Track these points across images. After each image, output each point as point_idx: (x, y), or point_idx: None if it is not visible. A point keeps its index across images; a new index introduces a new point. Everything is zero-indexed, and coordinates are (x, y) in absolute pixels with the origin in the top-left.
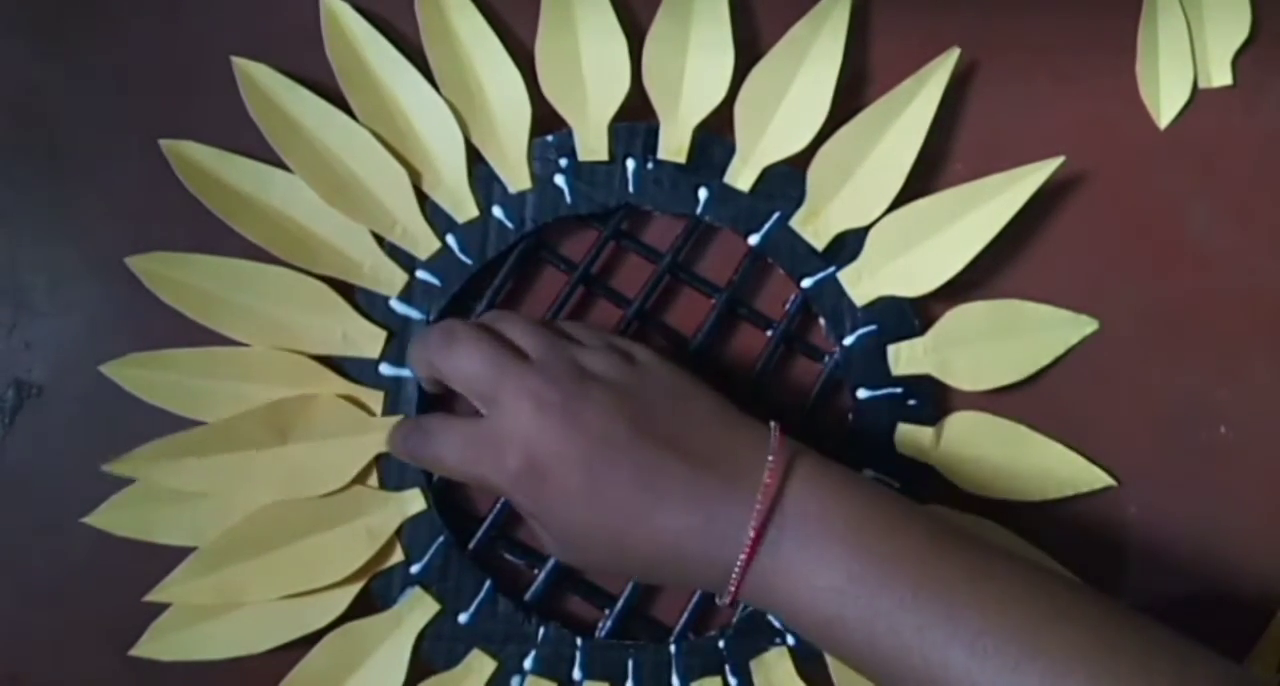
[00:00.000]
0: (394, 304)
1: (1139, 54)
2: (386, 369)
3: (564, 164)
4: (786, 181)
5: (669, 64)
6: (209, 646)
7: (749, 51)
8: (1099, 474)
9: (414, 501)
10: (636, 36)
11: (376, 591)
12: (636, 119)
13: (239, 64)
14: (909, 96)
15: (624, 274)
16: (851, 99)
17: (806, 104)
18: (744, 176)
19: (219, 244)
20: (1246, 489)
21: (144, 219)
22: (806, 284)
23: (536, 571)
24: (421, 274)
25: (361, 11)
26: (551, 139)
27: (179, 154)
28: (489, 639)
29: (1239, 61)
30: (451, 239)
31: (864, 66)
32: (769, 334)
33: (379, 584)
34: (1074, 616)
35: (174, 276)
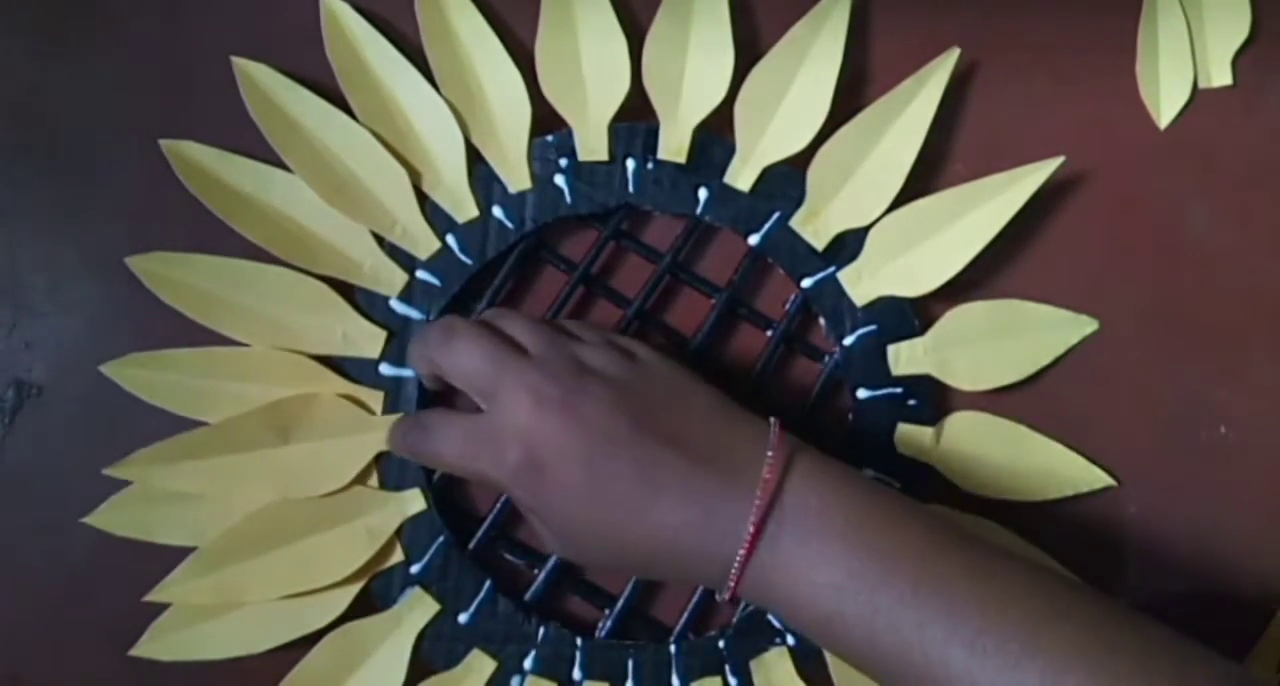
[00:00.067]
0: (394, 304)
1: (1139, 54)
2: (386, 369)
3: (564, 164)
4: (786, 181)
5: (669, 64)
6: (209, 646)
7: (749, 51)
8: (1099, 474)
9: (414, 501)
10: (636, 36)
11: (376, 591)
12: (636, 119)
13: (239, 64)
14: (909, 96)
15: (624, 274)
16: (851, 99)
17: (806, 104)
18: (744, 176)
19: (219, 244)
20: (1246, 489)
21: (144, 219)
22: (806, 284)
23: (536, 571)
24: (421, 274)
25: (361, 11)
26: (551, 139)
27: (179, 154)
28: (489, 639)
29: (1239, 61)
30: (451, 239)
31: (864, 66)
32: (769, 334)
33: (379, 584)
34: (1073, 615)
35: (174, 276)
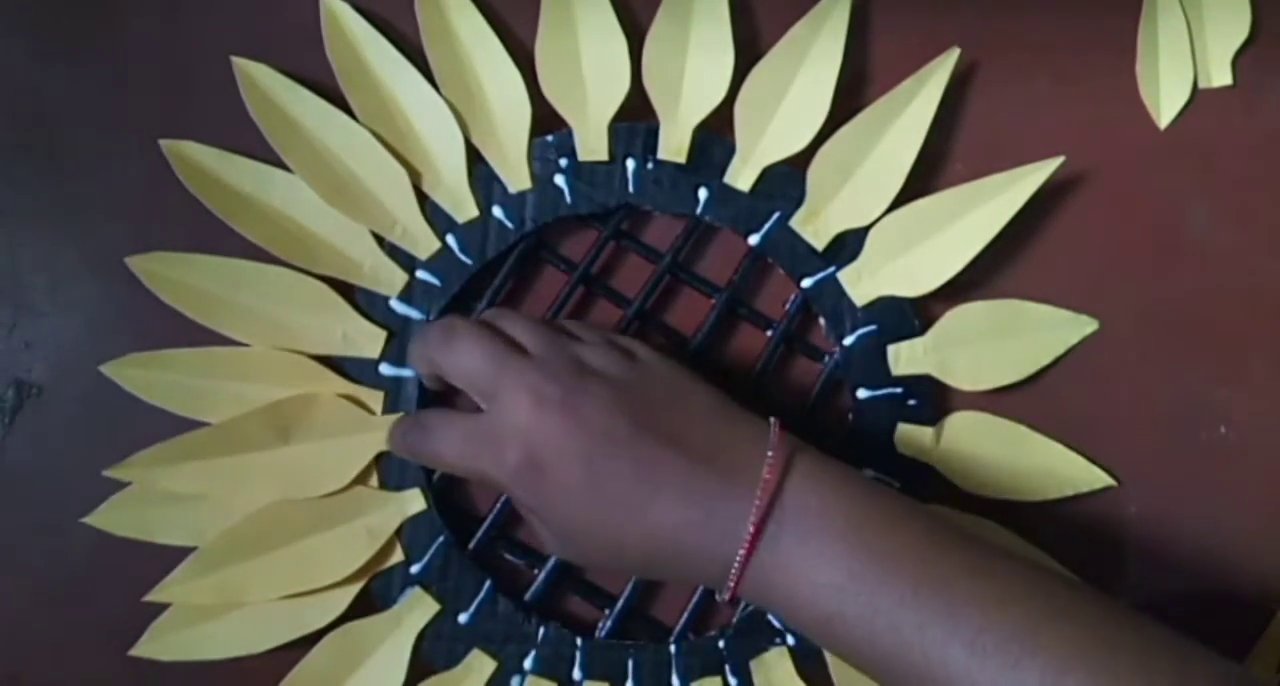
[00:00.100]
0: (394, 304)
1: (1139, 54)
2: (386, 369)
3: (564, 164)
4: (786, 181)
5: (669, 64)
6: (209, 646)
7: (749, 51)
8: (1099, 474)
9: (414, 501)
10: (636, 36)
11: (376, 591)
12: (636, 119)
13: (239, 64)
14: (909, 96)
15: (624, 274)
16: (851, 99)
17: (806, 104)
18: (744, 176)
19: (219, 244)
20: (1246, 489)
21: (144, 219)
22: (806, 284)
23: (536, 571)
24: (421, 274)
25: (361, 11)
26: (551, 139)
27: (179, 154)
28: (489, 639)
29: (1239, 61)
30: (451, 239)
31: (864, 66)
32: (769, 334)
33: (379, 584)
34: (1073, 615)
35: (174, 276)
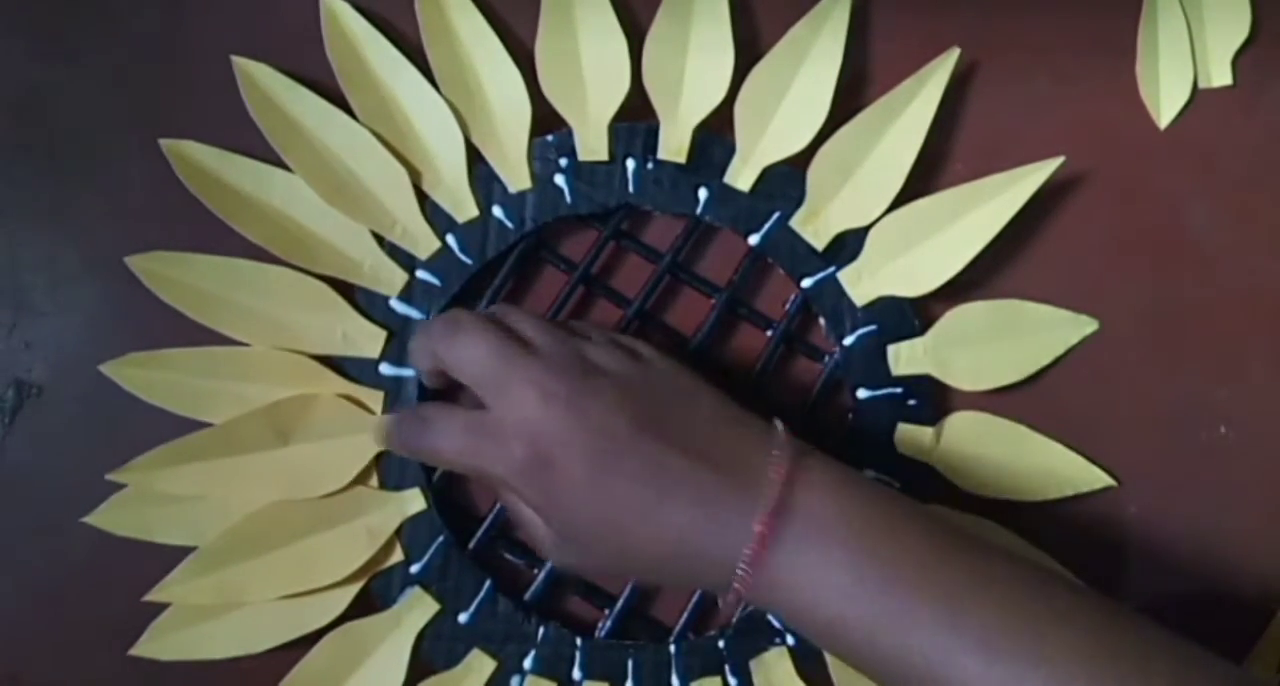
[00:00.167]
0: (394, 304)
1: (1139, 54)
2: (386, 368)
3: (564, 164)
4: (786, 181)
5: (669, 64)
6: (209, 646)
7: (749, 51)
8: (1099, 474)
9: (414, 501)
10: (636, 36)
11: (376, 591)
12: (636, 119)
13: (239, 64)
14: (909, 96)
15: (624, 274)
16: (851, 99)
17: (806, 104)
18: (744, 176)
19: (219, 244)
20: (1246, 489)
21: (144, 219)
22: (806, 284)
23: (536, 571)
24: (421, 274)
25: (361, 11)
26: (551, 139)
27: (179, 154)
28: (489, 639)
29: (1239, 61)
30: (451, 239)
31: (864, 66)
32: (769, 334)
33: (379, 584)
34: (1076, 619)
35: (174, 276)
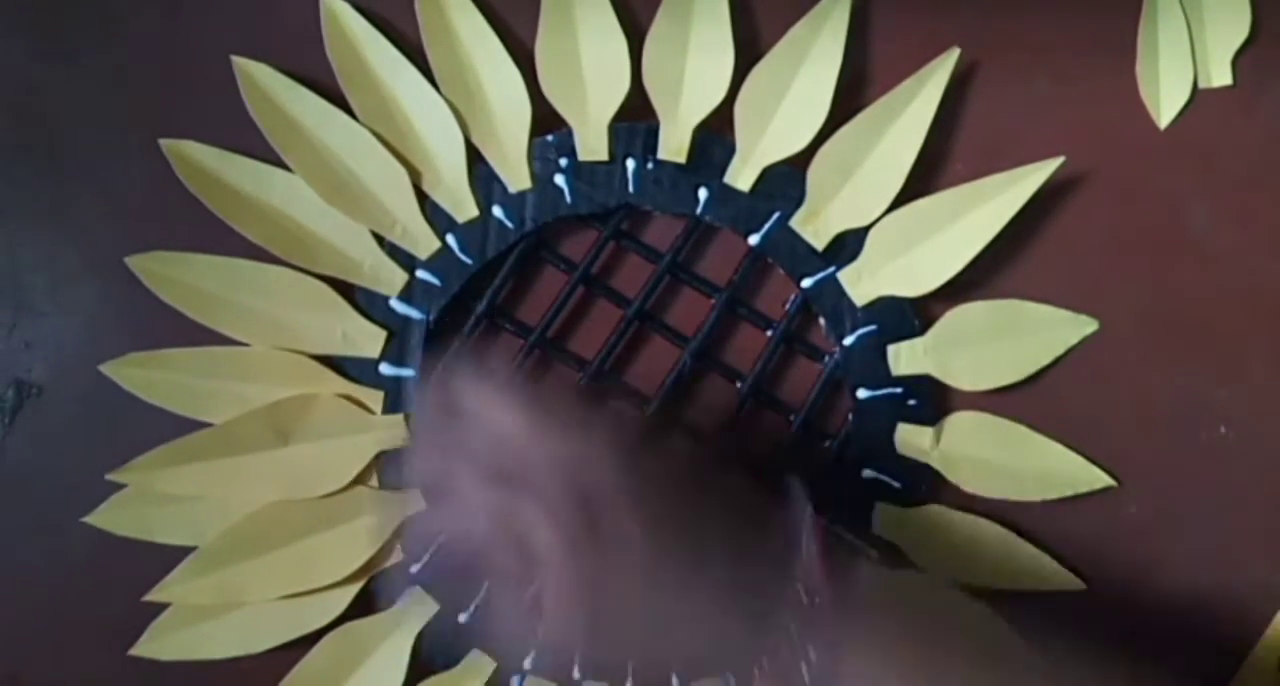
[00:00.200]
0: (394, 303)
1: (1139, 54)
2: (386, 368)
3: (564, 164)
4: (786, 181)
5: (669, 64)
6: (209, 646)
7: (749, 51)
8: (1099, 474)
9: (414, 501)
10: (636, 36)
11: (376, 591)
12: (636, 119)
13: (239, 64)
14: (909, 96)
15: (624, 274)
16: (851, 99)
17: (806, 104)
18: (744, 176)
19: (219, 244)
20: (1246, 489)
21: (144, 219)
22: (806, 284)
23: None
24: (421, 273)
25: (361, 11)
26: (551, 139)
27: (179, 154)
28: (489, 638)
29: (1239, 61)
30: (451, 239)
31: (864, 66)
32: (769, 334)
33: (379, 584)
34: None
35: (174, 276)
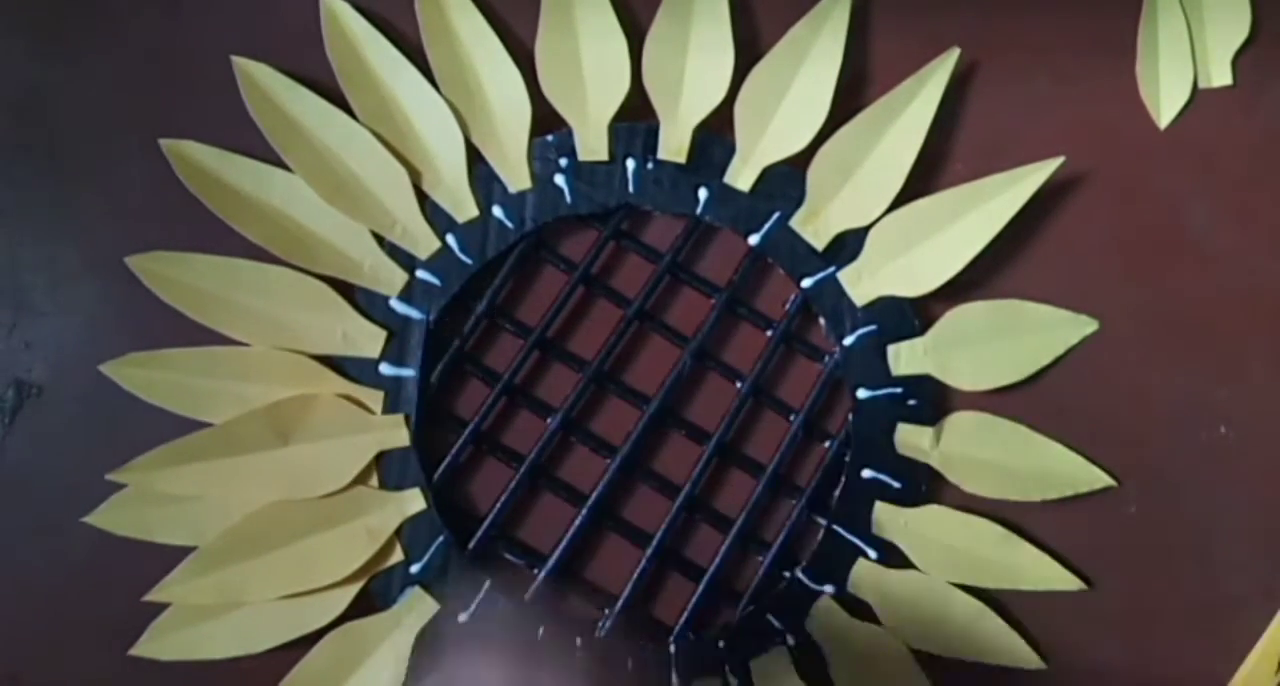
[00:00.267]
0: (394, 303)
1: (1139, 54)
2: (386, 368)
3: (564, 164)
4: (786, 181)
5: (669, 64)
6: (209, 646)
7: (749, 51)
8: (1099, 474)
9: (414, 501)
10: (636, 36)
11: (376, 591)
12: (636, 119)
13: (239, 64)
14: (909, 96)
15: (624, 274)
16: (851, 99)
17: (806, 104)
18: (744, 176)
19: (219, 244)
20: (1246, 489)
21: (144, 219)
22: (806, 284)
23: (536, 571)
24: (421, 273)
25: (361, 11)
26: (551, 139)
27: (179, 154)
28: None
29: (1239, 61)
30: (451, 238)
31: (864, 66)
32: (769, 334)
33: (379, 584)
34: None
35: (174, 276)
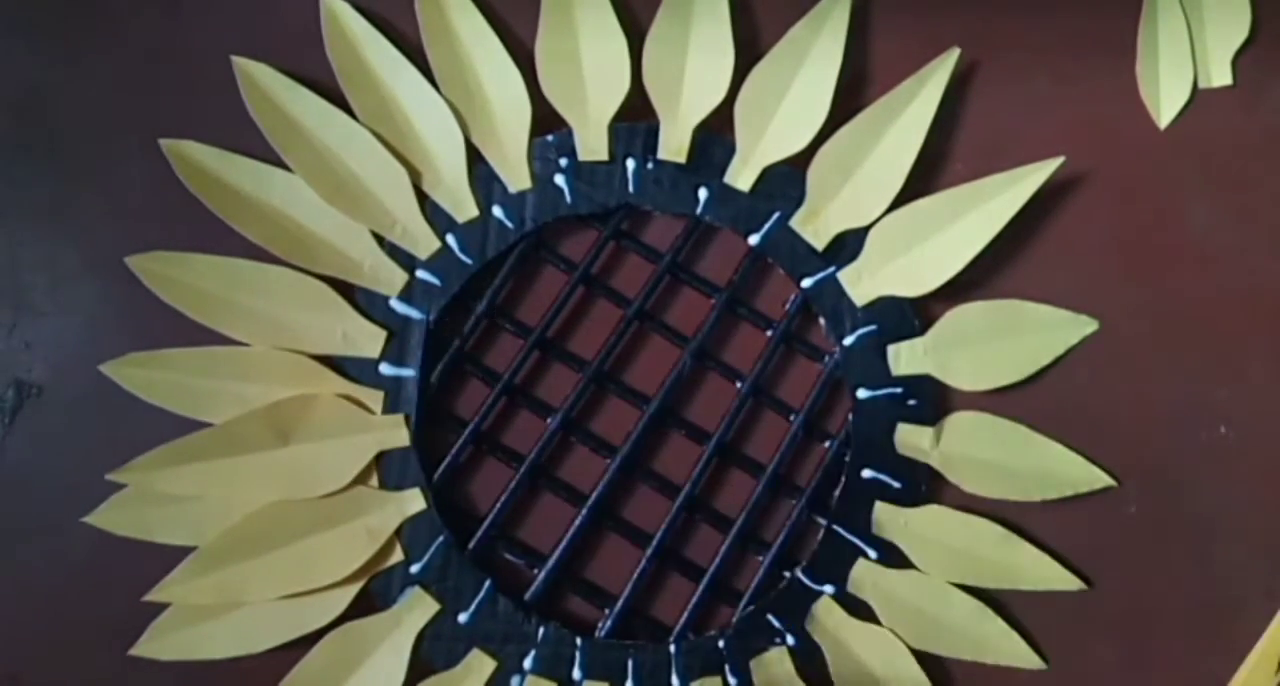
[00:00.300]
0: (394, 303)
1: (1139, 54)
2: (386, 368)
3: (564, 164)
4: (786, 181)
5: (669, 64)
6: (209, 646)
7: (749, 51)
8: (1099, 474)
9: (414, 501)
10: (636, 36)
11: (376, 591)
12: (636, 119)
13: (239, 64)
14: (909, 96)
15: (624, 274)
16: (851, 99)
17: (806, 104)
18: (744, 176)
19: (219, 244)
20: (1246, 489)
21: (144, 219)
22: (806, 284)
23: (536, 571)
24: (421, 273)
25: (361, 11)
26: (551, 139)
27: (179, 154)
28: (489, 638)
29: (1239, 61)
30: (451, 238)
31: (864, 66)
32: (769, 334)
33: (379, 584)
34: None
35: (174, 276)
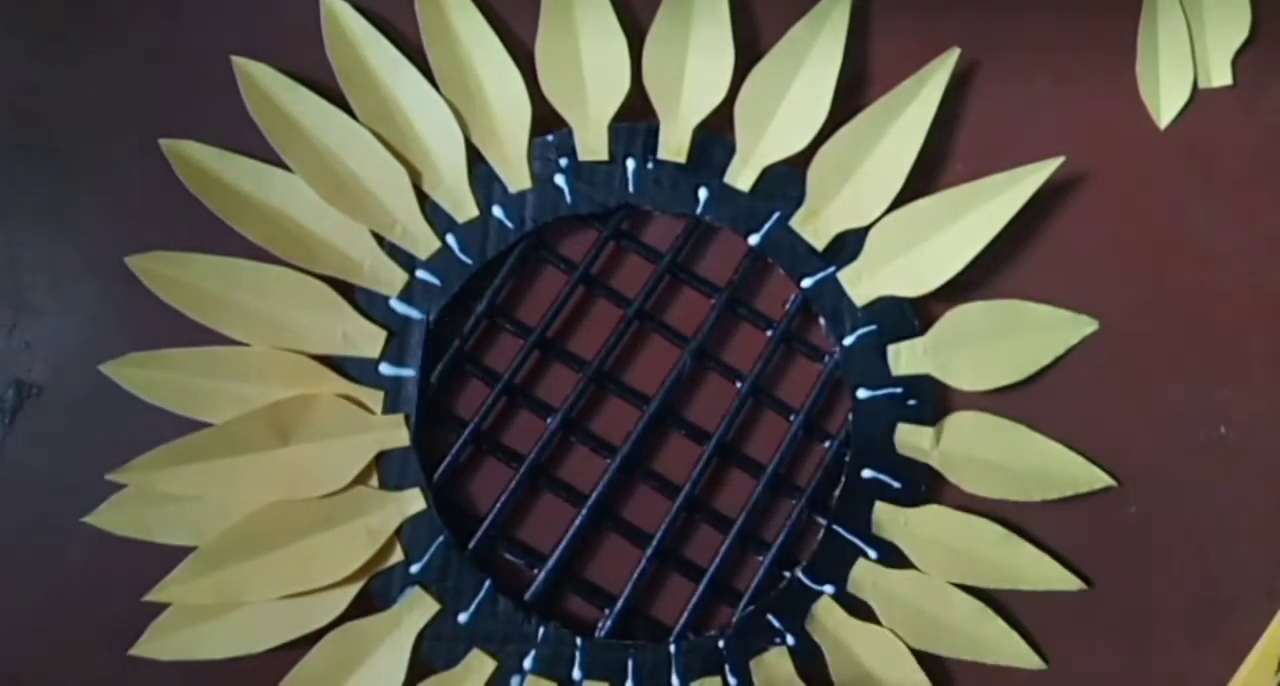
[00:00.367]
0: (394, 303)
1: (1139, 54)
2: (386, 368)
3: (564, 164)
4: (786, 181)
5: (669, 64)
6: (209, 646)
7: (749, 51)
8: (1099, 474)
9: (414, 501)
10: (636, 36)
11: (376, 591)
12: (636, 119)
13: (239, 64)
14: (909, 96)
15: (624, 274)
16: (851, 99)
17: (806, 104)
18: (744, 176)
19: (219, 244)
20: (1246, 489)
21: (144, 219)
22: (806, 284)
23: (536, 571)
24: (421, 273)
25: (361, 11)
26: (551, 139)
27: (179, 154)
28: (489, 638)
29: (1239, 61)
30: (451, 238)
31: (864, 66)
32: (769, 334)
33: (379, 584)
34: None
35: (174, 276)
